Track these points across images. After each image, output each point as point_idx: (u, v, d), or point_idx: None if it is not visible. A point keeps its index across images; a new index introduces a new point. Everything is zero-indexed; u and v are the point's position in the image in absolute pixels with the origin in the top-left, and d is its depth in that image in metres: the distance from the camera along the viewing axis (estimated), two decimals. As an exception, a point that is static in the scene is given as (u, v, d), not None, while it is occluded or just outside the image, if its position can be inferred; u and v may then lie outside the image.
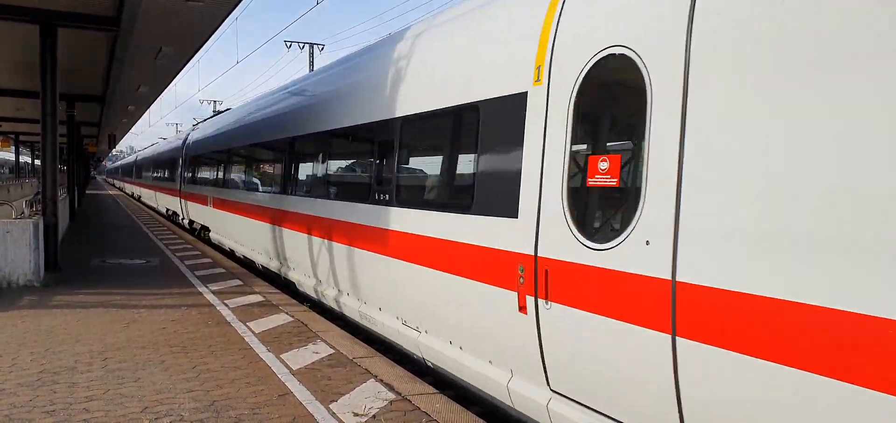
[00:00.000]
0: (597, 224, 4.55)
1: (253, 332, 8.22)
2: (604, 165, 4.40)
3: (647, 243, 3.95)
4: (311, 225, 9.71)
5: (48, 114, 12.26)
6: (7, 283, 11.15)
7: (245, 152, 14.94)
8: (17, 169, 55.05)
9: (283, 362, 6.91)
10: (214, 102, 61.86)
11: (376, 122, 7.73)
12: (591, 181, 4.49)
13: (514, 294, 5.12)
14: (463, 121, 6.07)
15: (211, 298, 10.46)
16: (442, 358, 6.44)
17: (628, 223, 4.12)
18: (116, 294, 10.61)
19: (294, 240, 10.55)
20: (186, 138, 25.07)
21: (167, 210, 29.08)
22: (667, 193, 3.87)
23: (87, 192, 54.87)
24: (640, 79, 4.10)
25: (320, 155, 9.80)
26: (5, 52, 15.81)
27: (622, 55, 4.30)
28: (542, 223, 4.84)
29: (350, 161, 9.24)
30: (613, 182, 4.34)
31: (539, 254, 4.84)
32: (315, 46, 38.79)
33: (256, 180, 13.79)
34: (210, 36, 13.83)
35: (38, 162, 61.87)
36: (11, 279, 11.20)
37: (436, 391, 6.13)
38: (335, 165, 9.51)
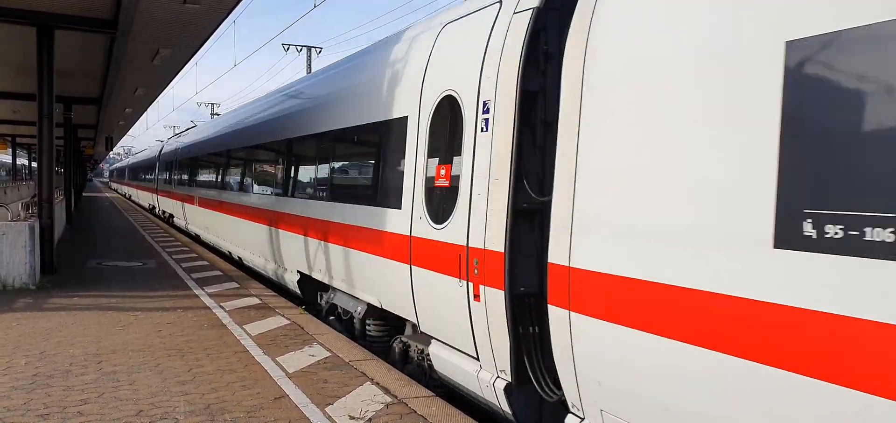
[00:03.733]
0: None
1: (249, 334, 8.19)
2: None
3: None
4: None
5: (45, 116, 12.24)
6: (2, 285, 11.10)
7: None
8: (13, 171, 54.97)
9: (278, 365, 6.89)
10: (212, 105, 61.67)
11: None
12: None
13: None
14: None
15: (207, 300, 10.43)
16: None
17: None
18: (112, 297, 10.57)
19: None
20: None
21: None
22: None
23: (84, 195, 54.78)
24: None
25: None
26: (2, 55, 15.78)
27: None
28: None
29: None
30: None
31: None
32: (313, 49, 38.79)
33: None
34: (208, 38, 13.82)
35: (35, 164, 61.75)
36: (7, 282, 11.15)
37: (432, 394, 6.11)
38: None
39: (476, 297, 5.55)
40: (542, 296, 4.92)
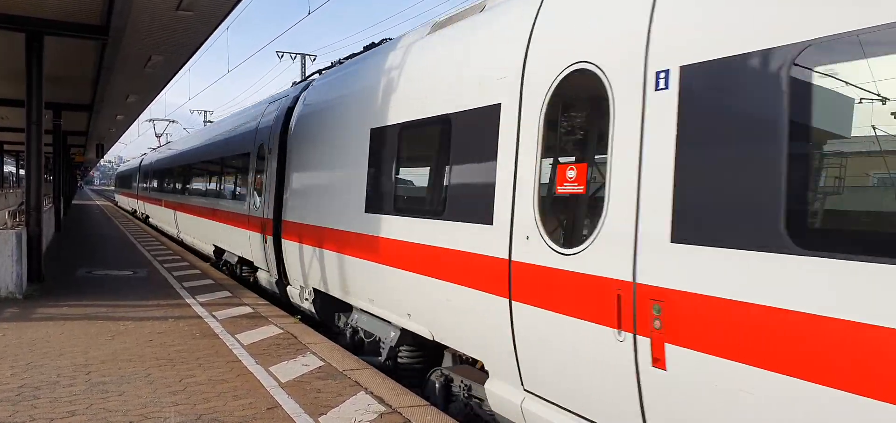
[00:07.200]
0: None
1: (241, 344, 8.09)
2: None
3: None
4: None
5: (33, 123, 12.11)
6: (-10, 294, 10.94)
7: None
8: (0, 179, 54.47)
9: (271, 374, 6.79)
10: (205, 112, 61.36)
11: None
12: None
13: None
14: None
15: (199, 309, 10.31)
16: None
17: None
18: (102, 306, 10.43)
19: None
20: None
21: None
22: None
23: (74, 202, 54.41)
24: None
25: None
26: (-9, 61, 15.62)
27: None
28: None
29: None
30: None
31: None
32: (307, 57, 38.72)
33: None
34: (200, 45, 13.73)
35: (23, 171, 61.23)
36: (-6, 291, 10.99)
37: (426, 403, 6.04)
38: None
39: (265, 240, 11.44)
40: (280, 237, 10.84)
